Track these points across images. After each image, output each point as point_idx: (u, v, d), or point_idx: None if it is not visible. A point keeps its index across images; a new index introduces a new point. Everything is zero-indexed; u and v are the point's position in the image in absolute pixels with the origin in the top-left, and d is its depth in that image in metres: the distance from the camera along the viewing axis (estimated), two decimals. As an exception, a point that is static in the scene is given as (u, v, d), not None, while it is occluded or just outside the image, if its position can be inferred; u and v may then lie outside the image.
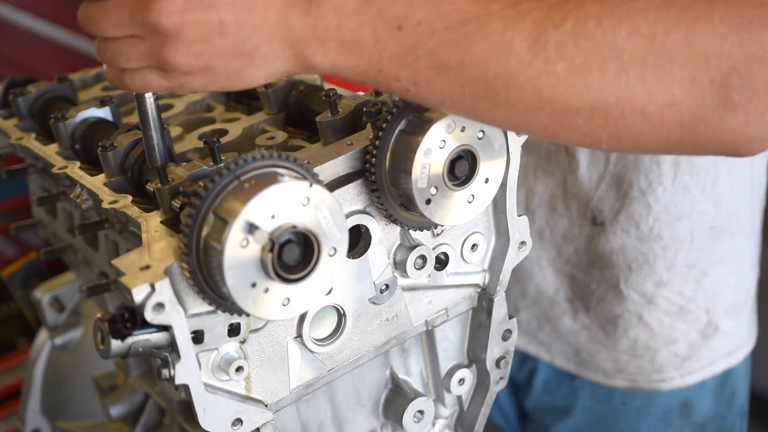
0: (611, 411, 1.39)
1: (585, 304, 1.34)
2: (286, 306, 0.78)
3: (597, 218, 1.27)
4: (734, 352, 1.37)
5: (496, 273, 1.00)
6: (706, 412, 1.38)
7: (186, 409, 1.07)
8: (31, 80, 1.16)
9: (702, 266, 1.29)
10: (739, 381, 1.40)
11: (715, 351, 1.35)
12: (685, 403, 1.36)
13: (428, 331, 1.01)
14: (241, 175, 0.77)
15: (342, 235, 0.79)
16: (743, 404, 1.43)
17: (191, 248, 0.77)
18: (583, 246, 1.29)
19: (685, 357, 1.34)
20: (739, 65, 0.76)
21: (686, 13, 0.75)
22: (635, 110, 0.77)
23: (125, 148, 0.93)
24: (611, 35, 0.75)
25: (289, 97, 1.03)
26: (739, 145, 0.80)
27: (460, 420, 1.08)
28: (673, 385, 1.35)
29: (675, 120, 0.78)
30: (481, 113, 0.80)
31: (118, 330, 0.79)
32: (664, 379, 1.35)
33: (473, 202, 0.89)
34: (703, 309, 1.31)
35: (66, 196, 1.06)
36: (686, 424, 1.37)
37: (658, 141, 0.80)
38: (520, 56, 0.75)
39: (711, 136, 0.79)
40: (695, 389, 1.36)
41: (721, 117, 0.77)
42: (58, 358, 1.31)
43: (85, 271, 1.17)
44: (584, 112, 0.77)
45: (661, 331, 1.31)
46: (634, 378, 1.36)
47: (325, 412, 0.97)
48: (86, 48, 2.78)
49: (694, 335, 1.33)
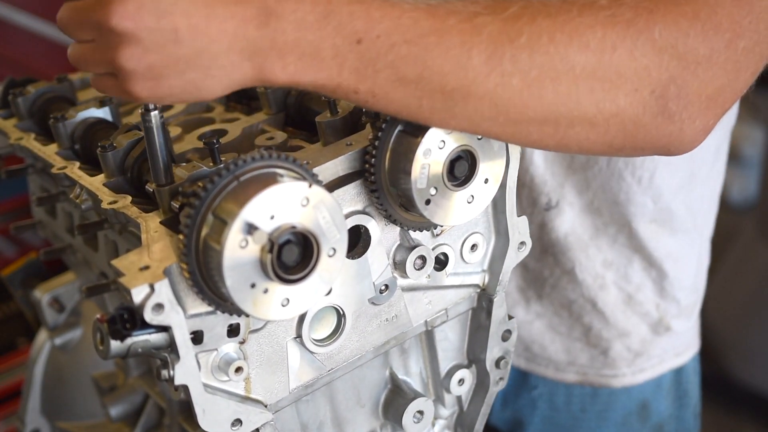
0: (571, 419, 1.39)
1: (538, 292, 1.34)
2: (286, 306, 0.78)
3: (550, 201, 1.28)
4: (683, 353, 1.39)
5: (496, 273, 1.00)
6: (662, 412, 1.40)
7: (186, 410, 1.07)
8: (30, 80, 1.16)
9: (647, 257, 1.31)
10: (690, 381, 1.42)
11: (665, 350, 1.37)
12: (642, 404, 1.38)
13: (428, 332, 1.01)
14: (241, 175, 0.77)
15: (341, 235, 0.79)
16: (696, 404, 1.46)
17: (190, 249, 0.77)
18: (536, 233, 1.30)
19: (637, 353, 1.35)
20: (677, 76, 0.82)
21: (630, 28, 0.80)
22: (583, 120, 0.82)
23: (125, 149, 0.93)
24: (563, 50, 0.79)
25: (289, 97, 1.03)
26: (672, 147, 0.86)
27: (460, 420, 1.08)
28: (624, 382, 1.36)
29: (618, 128, 0.83)
30: (436, 122, 0.83)
31: (117, 330, 0.79)
32: (616, 375, 1.36)
33: (473, 202, 0.89)
34: (653, 303, 1.33)
35: (66, 197, 1.06)
36: (645, 426, 1.39)
37: (602, 147, 0.85)
38: (478, 69, 0.78)
39: (649, 141, 0.85)
40: (651, 389, 1.38)
41: (659, 125, 0.83)
42: (58, 358, 1.31)
43: (85, 271, 1.17)
44: (536, 122, 0.82)
45: (615, 321, 1.33)
46: (585, 371, 1.36)
47: (324, 412, 0.97)
48: (86, 48, 2.79)
49: (645, 330, 1.34)
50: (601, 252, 1.30)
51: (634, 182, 1.25)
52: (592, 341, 1.35)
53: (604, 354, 1.35)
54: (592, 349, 1.35)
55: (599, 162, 1.24)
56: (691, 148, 0.87)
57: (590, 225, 1.29)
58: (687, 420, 1.43)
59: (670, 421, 1.41)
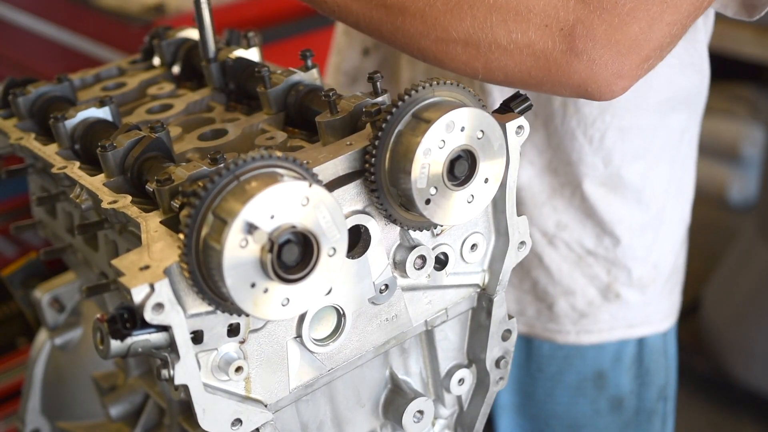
0: (529, 378, 1.45)
1: None
2: (286, 306, 0.78)
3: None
4: (637, 326, 1.42)
5: (496, 273, 1.00)
6: (621, 387, 1.44)
7: (186, 410, 1.07)
8: (30, 80, 1.16)
9: (599, 222, 1.35)
10: (654, 360, 1.45)
11: (614, 317, 1.40)
12: (598, 373, 1.43)
13: (428, 331, 1.01)
14: (241, 175, 0.77)
15: (341, 235, 0.79)
16: (663, 387, 1.48)
17: (191, 248, 0.77)
18: None
19: (582, 313, 1.39)
20: (583, 18, 0.94)
21: None
22: (500, 47, 0.96)
23: (125, 148, 0.93)
24: None
25: (289, 97, 1.03)
26: (589, 87, 0.97)
27: (460, 420, 1.08)
28: (568, 340, 1.41)
29: (532, 60, 0.96)
30: (386, 36, 1.00)
31: (117, 330, 0.79)
32: (560, 330, 1.41)
33: (473, 202, 0.89)
34: (604, 267, 1.37)
35: (66, 196, 1.06)
36: (601, 395, 1.43)
37: (521, 76, 0.98)
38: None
39: (563, 77, 0.97)
40: (609, 359, 1.42)
41: (569, 61, 0.95)
42: (58, 358, 1.31)
43: (85, 271, 1.17)
44: (460, 42, 0.97)
45: (560, 278, 1.38)
46: (532, 323, 1.41)
47: (324, 412, 0.98)
48: (86, 48, 2.79)
49: (593, 292, 1.38)
50: (556, 212, 1.35)
51: (585, 142, 1.29)
52: (539, 295, 1.40)
53: (549, 309, 1.40)
54: (539, 303, 1.40)
55: (555, 119, 1.29)
56: (611, 93, 0.97)
57: (548, 185, 1.34)
58: (649, 400, 1.46)
59: (630, 396, 1.44)
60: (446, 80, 0.87)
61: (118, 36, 2.70)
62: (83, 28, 2.79)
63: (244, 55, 1.12)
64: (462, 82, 0.88)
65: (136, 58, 1.27)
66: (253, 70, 1.08)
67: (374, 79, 0.93)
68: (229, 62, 1.11)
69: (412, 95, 0.85)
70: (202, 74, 1.15)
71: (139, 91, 1.18)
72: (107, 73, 1.24)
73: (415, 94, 0.85)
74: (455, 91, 0.87)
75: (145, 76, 1.21)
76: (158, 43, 1.22)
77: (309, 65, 1.05)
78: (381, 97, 0.94)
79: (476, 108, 0.86)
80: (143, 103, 1.15)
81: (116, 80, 1.21)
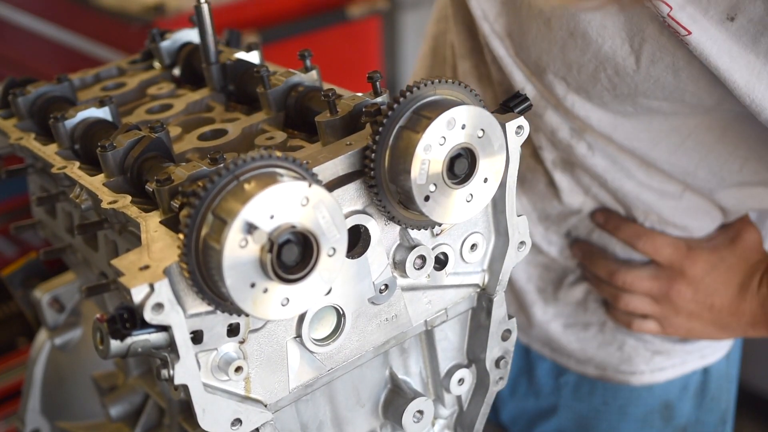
0: (592, 411, 1.40)
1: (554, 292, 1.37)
2: (286, 306, 0.78)
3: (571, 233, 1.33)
4: (708, 356, 1.39)
5: (496, 273, 1.00)
6: (687, 415, 1.39)
7: (185, 410, 1.07)
8: (30, 80, 1.16)
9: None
10: (720, 387, 1.41)
11: (688, 352, 1.36)
12: (666, 404, 1.38)
13: (428, 331, 1.01)
14: (240, 175, 0.77)
15: (341, 235, 0.79)
16: (726, 410, 1.44)
17: (190, 248, 0.77)
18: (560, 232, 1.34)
19: (655, 351, 1.35)
20: None
21: None
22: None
23: (125, 148, 0.93)
24: None
25: (289, 97, 1.03)
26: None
27: (460, 420, 1.08)
28: (643, 380, 1.36)
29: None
30: None
31: (117, 330, 0.79)
32: (634, 372, 1.36)
33: (472, 201, 0.88)
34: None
35: (65, 196, 1.06)
36: (667, 426, 1.39)
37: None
38: None
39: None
40: (677, 390, 1.37)
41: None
42: (57, 358, 1.31)
43: (85, 271, 1.17)
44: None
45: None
46: (603, 366, 1.37)
47: (324, 412, 0.98)
48: (86, 48, 2.79)
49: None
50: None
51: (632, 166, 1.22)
52: (607, 338, 1.36)
53: (620, 350, 1.35)
54: (608, 347, 1.36)
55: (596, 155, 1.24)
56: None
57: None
58: (714, 425, 1.42)
59: (696, 425, 1.40)
60: (447, 79, 0.87)
61: (118, 36, 2.70)
62: (83, 28, 2.79)
63: (245, 58, 1.12)
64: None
65: (135, 58, 1.27)
66: (252, 71, 1.08)
67: (374, 79, 0.93)
68: (229, 64, 1.11)
69: (414, 92, 0.85)
70: (202, 77, 1.15)
71: (139, 91, 1.18)
72: (107, 73, 1.24)
73: (416, 91, 0.85)
74: (456, 89, 0.87)
75: (144, 76, 1.21)
76: (156, 47, 1.22)
77: (308, 65, 1.05)
78: (380, 97, 0.94)
79: (477, 107, 0.86)
80: (143, 103, 1.15)
81: (116, 80, 1.21)
